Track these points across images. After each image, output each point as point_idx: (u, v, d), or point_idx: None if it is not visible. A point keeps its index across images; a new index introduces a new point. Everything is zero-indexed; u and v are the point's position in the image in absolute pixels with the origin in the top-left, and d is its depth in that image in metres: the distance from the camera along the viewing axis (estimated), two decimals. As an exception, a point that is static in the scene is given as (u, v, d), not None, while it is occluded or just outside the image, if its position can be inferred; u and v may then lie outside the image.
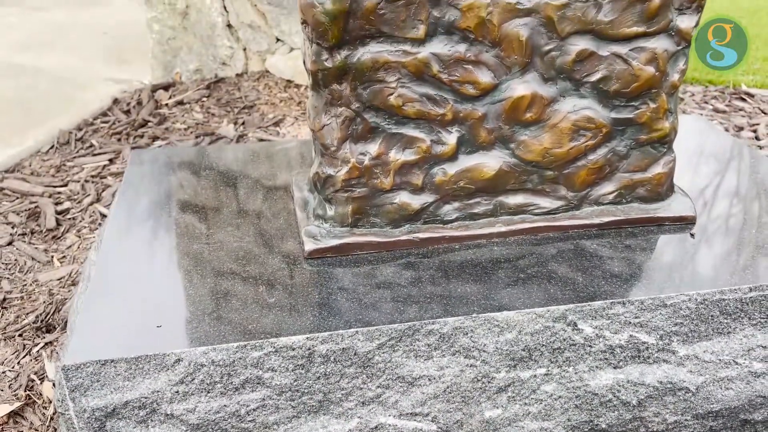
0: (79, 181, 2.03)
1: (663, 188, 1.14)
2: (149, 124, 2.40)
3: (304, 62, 1.02)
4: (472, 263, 1.05)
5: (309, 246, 1.05)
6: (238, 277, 1.00)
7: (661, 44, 1.03)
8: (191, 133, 2.34)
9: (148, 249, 1.09)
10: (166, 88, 2.67)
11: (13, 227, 1.79)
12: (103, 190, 1.99)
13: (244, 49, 2.64)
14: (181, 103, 2.56)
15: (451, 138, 1.05)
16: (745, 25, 4.04)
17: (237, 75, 2.70)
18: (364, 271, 1.02)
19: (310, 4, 0.92)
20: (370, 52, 0.97)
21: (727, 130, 2.53)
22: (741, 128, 2.56)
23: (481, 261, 1.05)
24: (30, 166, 2.12)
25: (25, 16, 3.69)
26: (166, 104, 2.56)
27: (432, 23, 0.97)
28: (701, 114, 2.70)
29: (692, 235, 1.12)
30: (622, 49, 1.03)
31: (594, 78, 1.04)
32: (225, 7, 2.56)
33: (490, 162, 1.07)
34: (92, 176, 2.07)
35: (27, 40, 3.30)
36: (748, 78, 3.09)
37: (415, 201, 1.07)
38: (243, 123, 2.41)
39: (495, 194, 1.10)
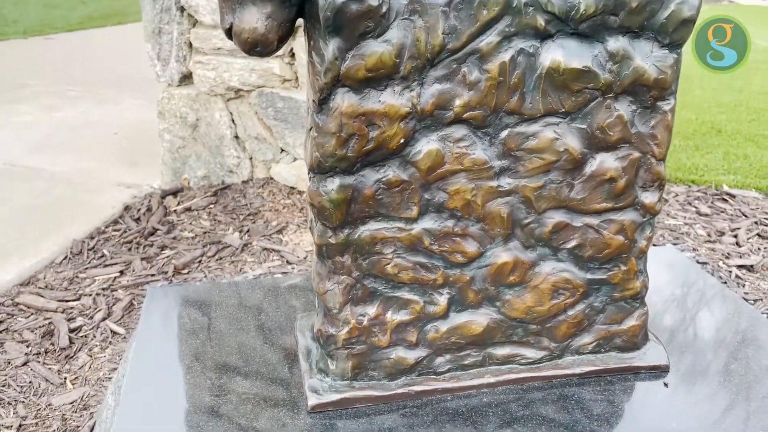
0: (90, 295, 2.13)
1: (638, 338, 1.25)
2: (158, 232, 2.52)
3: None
4: (463, 412, 1.13)
5: (312, 401, 1.14)
6: (245, 429, 1.09)
7: (628, 216, 1.16)
8: (198, 242, 2.45)
9: (163, 403, 1.18)
10: (174, 193, 2.81)
11: (27, 346, 1.88)
12: (114, 304, 2.08)
13: (250, 158, 2.80)
14: (189, 209, 2.69)
15: (442, 299, 1.16)
16: (726, 120, 4.25)
17: (243, 182, 2.84)
18: (363, 423, 1.11)
19: (317, 192, 1.05)
20: (369, 229, 1.09)
21: (709, 235, 2.66)
22: (722, 233, 2.68)
23: (472, 409, 1.14)
24: (44, 278, 2.22)
25: (39, 116, 3.88)
26: (175, 211, 2.69)
27: (424, 204, 1.09)
28: (684, 217, 2.83)
29: (666, 384, 1.21)
30: (593, 220, 1.15)
31: (570, 245, 1.16)
32: (233, 121, 2.73)
33: (479, 319, 1.18)
34: (103, 289, 2.17)
35: (41, 140, 3.46)
36: (730, 178, 3.25)
37: (410, 355, 1.17)
38: (248, 231, 2.53)
39: (484, 347, 1.20)
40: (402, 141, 1.04)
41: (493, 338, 1.19)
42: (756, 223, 2.76)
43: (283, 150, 2.75)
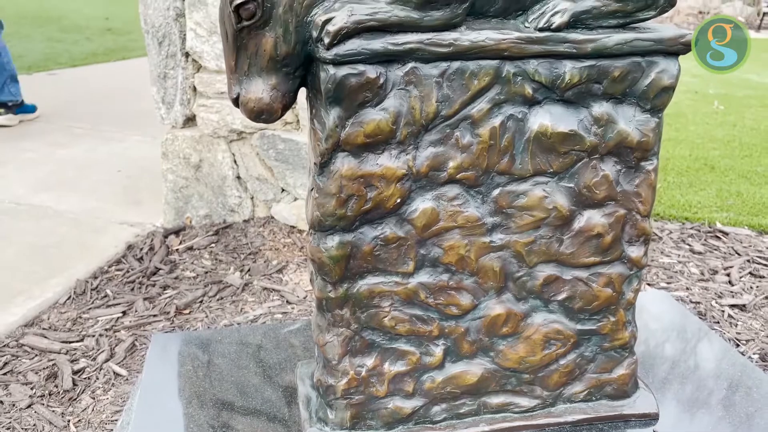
0: (93, 336, 2.16)
1: (628, 386, 1.29)
2: (160, 271, 2.57)
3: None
4: (458, 463, 1.17)
5: (312, 450, 1.17)
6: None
7: (615, 270, 1.21)
8: (200, 281, 2.50)
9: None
10: (177, 232, 2.86)
11: (32, 388, 1.91)
12: (117, 345, 2.12)
13: (252, 198, 2.86)
14: (191, 248, 2.74)
15: (438, 350, 1.20)
16: (719, 156, 4.31)
17: (244, 221, 2.90)
18: (361, 473, 1.15)
19: (318, 249, 1.10)
20: (367, 284, 1.14)
21: (702, 274, 2.70)
22: (715, 272, 2.73)
23: (467, 461, 1.18)
24: (48, 319, 2.26)
25: (44, 152, 3.95)
26: (177, 250, 2.74)
27: (419, 259, 1.14)
28: (678, 255, 2.88)
29: (655, 432, 1.25)
30: (583, 273, 1.20)
31: (560, 297, 1.21)
32: (235, 162, 2.80)
33: (473, 369, 1.22)
34: (106, 329, 2.20)
35: (46, 178, 3.52)
36: (723, 215, 3.30)
37: (407, 405, 1.21)
38: (248, 270, 2.58)
39: (478, 396, 1.24)
40: (399, 201, 1.09)
41: (487, 387, 1.23)
42: (748, 261, 2.81)
43: (283, 190, 2.81)
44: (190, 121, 2.78)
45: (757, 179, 3.83)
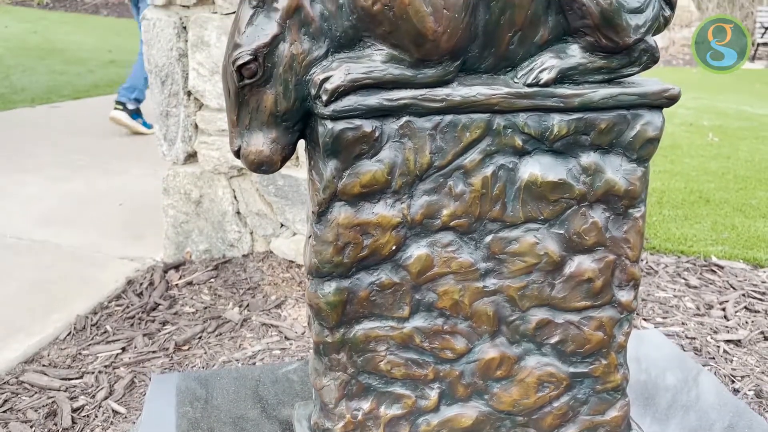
0: (93, 372, 2.18)
1: (620, 428, 1.30)
2: (160, 307, 2.59)
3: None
4: (453, 506, 1.18)
5: (309, 493, 1.19)
6: None
7: (606, 313, 1.24)
8: (199, 317, 2.52)
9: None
10: (177, 267, 2.89)
11: (31, 426, 1.92)
12: (116, 382, 2.13)
13: (251, 233, 2.89)
14: (190, 283, 2.77)
15: (433, 393, 1.22)
16: (714, 189, 4.35)
17: (243, 255, 2.93)
18: None
19: (315, 294, 1.13)
20: (363, 328, 1.17)
21: (698, 308, 2.72)
22: (711, 306, 2.75)
23: (462, 504, 1.19)
24: (48, 355, 2.28)
25: (46, 186, 3.99)
26: (176, 285, 2.76)
27: (414, 304, 1.17)
28: (674, 289, 2.91)
29: (648, 475, 1.26)
30: (574, 317, 1.23)
31: (553, 341, 1.24)
32: (235, 197, 2.84)
33: (468, 412, 1.24)
34: (105, 366, 2.22)
35: (47, 212, 3.56)
36: (718, 248, 3.34)
37: (403, 448, 1.23)
38: (247, 305, 2.60)
39: (473, 438, 1.26)
40: (394, 248, 1.13)
41: (482, 430, 1.25)
42: (743, 295, 2.84)
43: (283, 225, 2.84)
44: (191, 157, 2.83)
45: (752, 212, 3.87)
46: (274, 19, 0.97)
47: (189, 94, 2.71)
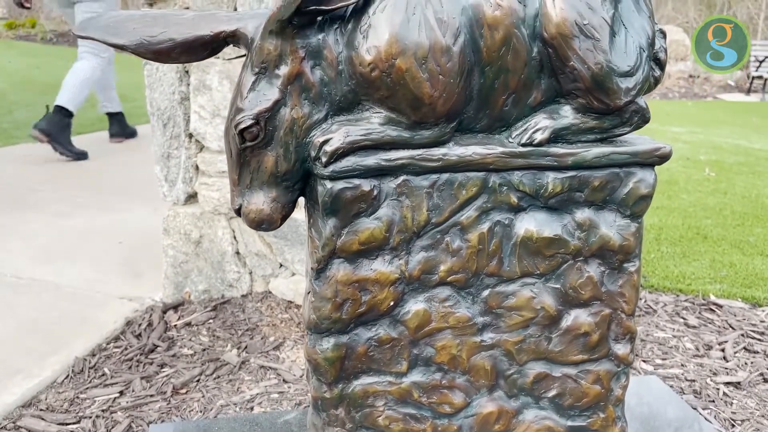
0: (90, 417, 2.16)
1: (620, 482, 1.30)
2: (158, 349, 2.58)
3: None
4: None
5: None
6: None
7: (603, 367, 1.24)
8: (197, 359, 2.51)
9: None
10: (176, 307, 2.89)
11: (26, 474, 1.90)
12: (113, 427, 2.12)
13: (250, 273, 2.90)
14: (189, 324, 2.76)
15: (431, 448, 1.22)
16: (711, 225, 4.36)
17: (242, 295, 2.93)
18: None
19: (314, 350, 1.14)
20: (361, 384, 1.17)
21: (697, 349, 2.72)
22: (710, 347, 2.75)
23: None
24: (46, 399, 2.27)
25: (46, 223, 4.01)
26: (175, 326, 2.76)
27: (412, 359, 1.18)
28: (673, 329, 2.91)
29: None
30: (572, 371, 1.24)
31: (550, 394, 1.24)
32: (235, 238, 2.85)
33: (466, 466, 1.24)
34: (103, 410, 2.20)
35: (48, 250, 3.57)
36: (716, 287, 3.34)
37: (401, 503, 1.22)
38: (246, 347, 2.60)
39: (471, 492, 1.25)
40: (392, 303, 1.14)
41: (480, 484, 1.25)
42: (743, 335, 2.83)
43: (282, 265, 2.85)
44: (191, 198, 2.86)
45: (750, 249, 3.89)
46: (275, 85, 1.00)
47: (190, 136, 2.75)
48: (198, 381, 2.38)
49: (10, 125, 6.93)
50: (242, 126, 1.00)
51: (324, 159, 1.02)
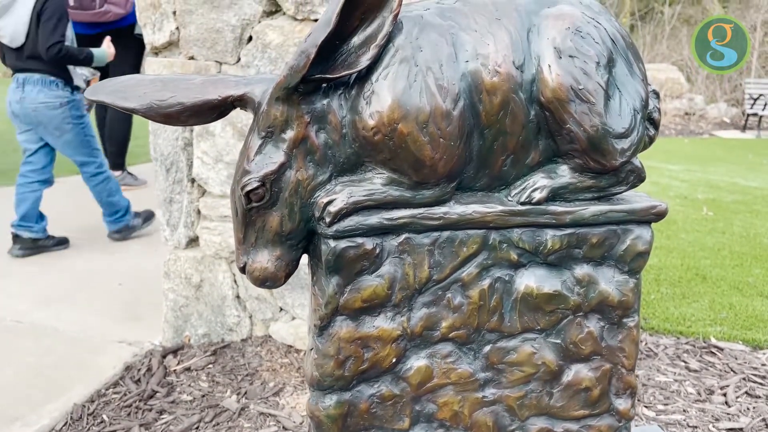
0: (88, 467, 2.14)
1: None
2: (157, 395, 2.57)
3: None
4: None
5: None
6: None
7: (605, 422, 1.25)
8: (196, 406, 2.49)
9: None
10: (175, 351, 2.88)
11: None
12: (111, 478, 2.10)
13: (250, 317, 2.90)
14: (188, 369, 2.75)
15: (433, 505, 1.21)
16: (710, 265, 4.36)
17: (242, 340, 2.92)
18: None
19: (316, 407, 1.14)
20: (363, 441, 1.17)
21: (699, 394, 2.71)
22: (712, 391, 2.73)
23: None
24: (43, 448, 2.24)
25: (47, 265, 4.01)
26: (175, 371, 2.74)
27: (415, 416, 1.19)
28: (674, 373, 2.89)
29: None
30: (573, 426, 1.24)
31: (553, 450, 1.24)
32: (235, 281, 2.86)
33: None
34: (101, 460, 2.18)
35: (47, 293, 3.57)
36: (717, 329, 3.34)
37: None
38: (245, 393, 2.58)
39: None
40: (394, 360, 1.15)
41: None
42: (744, 379, 2.82)
43: (282, 309, 2.85)
44: (192, 242, 2.88)
45: (749, 290, 3.89)
46: (281, 149, 1.03)
47: (193, 181, 2.78)
48: (197, 428, 2.35)
49: (9, 167, 6.97)
50: (249, 188, 1.02)
51: (328, 219, 1.05)
